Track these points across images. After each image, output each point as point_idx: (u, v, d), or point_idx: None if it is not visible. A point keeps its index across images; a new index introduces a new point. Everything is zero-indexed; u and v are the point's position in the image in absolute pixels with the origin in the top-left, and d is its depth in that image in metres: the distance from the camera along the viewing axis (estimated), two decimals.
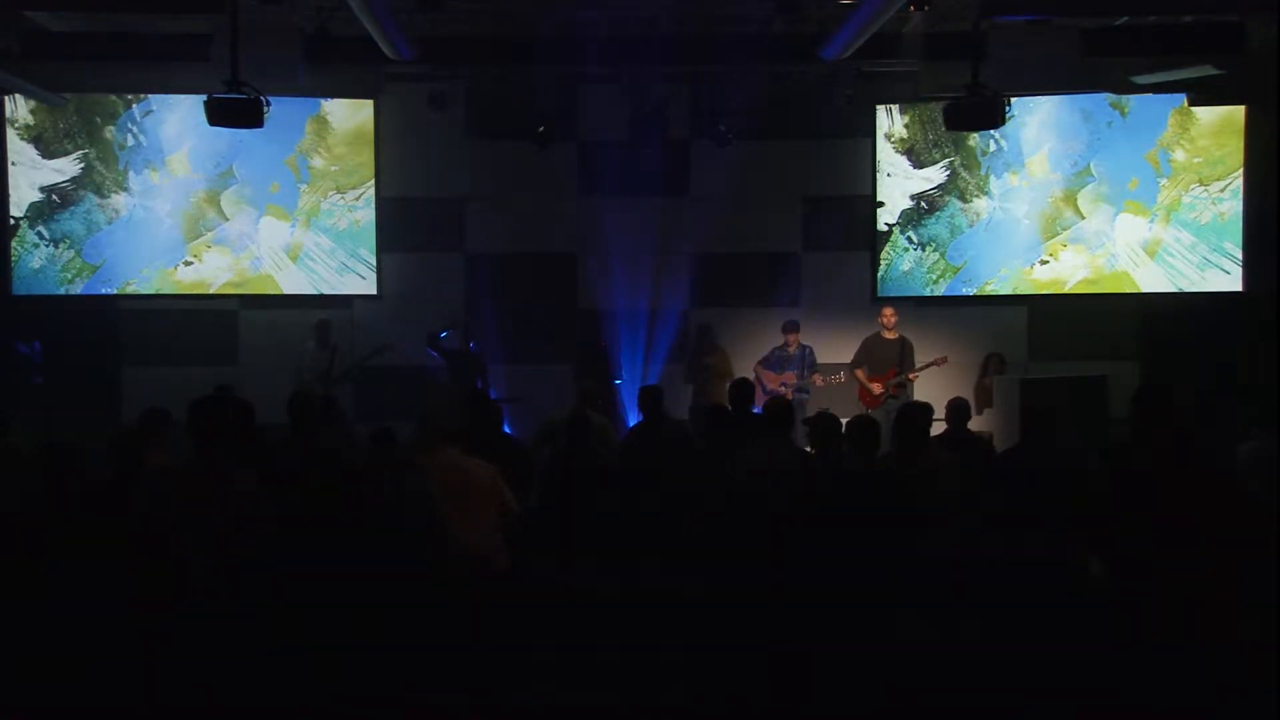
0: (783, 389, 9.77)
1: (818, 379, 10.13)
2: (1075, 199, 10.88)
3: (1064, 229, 10.90)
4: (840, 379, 10.21)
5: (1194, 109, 10.66)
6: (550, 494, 6.19)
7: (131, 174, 10.73)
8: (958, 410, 7.42)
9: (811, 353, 10.22)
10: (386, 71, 9.67)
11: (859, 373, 10.11)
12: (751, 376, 9.42)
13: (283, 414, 6.52)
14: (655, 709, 4.73)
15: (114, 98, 10.66)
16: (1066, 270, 10.92)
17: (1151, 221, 10.84)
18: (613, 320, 10.91)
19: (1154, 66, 9.63)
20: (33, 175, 10.67)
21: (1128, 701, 4.36)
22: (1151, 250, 10.86)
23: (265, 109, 7.65)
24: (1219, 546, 4.40)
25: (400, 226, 10.96)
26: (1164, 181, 10.80)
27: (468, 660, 4.86)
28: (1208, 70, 9.30)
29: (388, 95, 10.64)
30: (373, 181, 10.85)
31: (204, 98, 7.71)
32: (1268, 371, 9.14)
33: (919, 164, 10.94)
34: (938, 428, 6.95)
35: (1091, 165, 10.84)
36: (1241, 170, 10.68)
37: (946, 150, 10.89)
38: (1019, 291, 10.99)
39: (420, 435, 6.09)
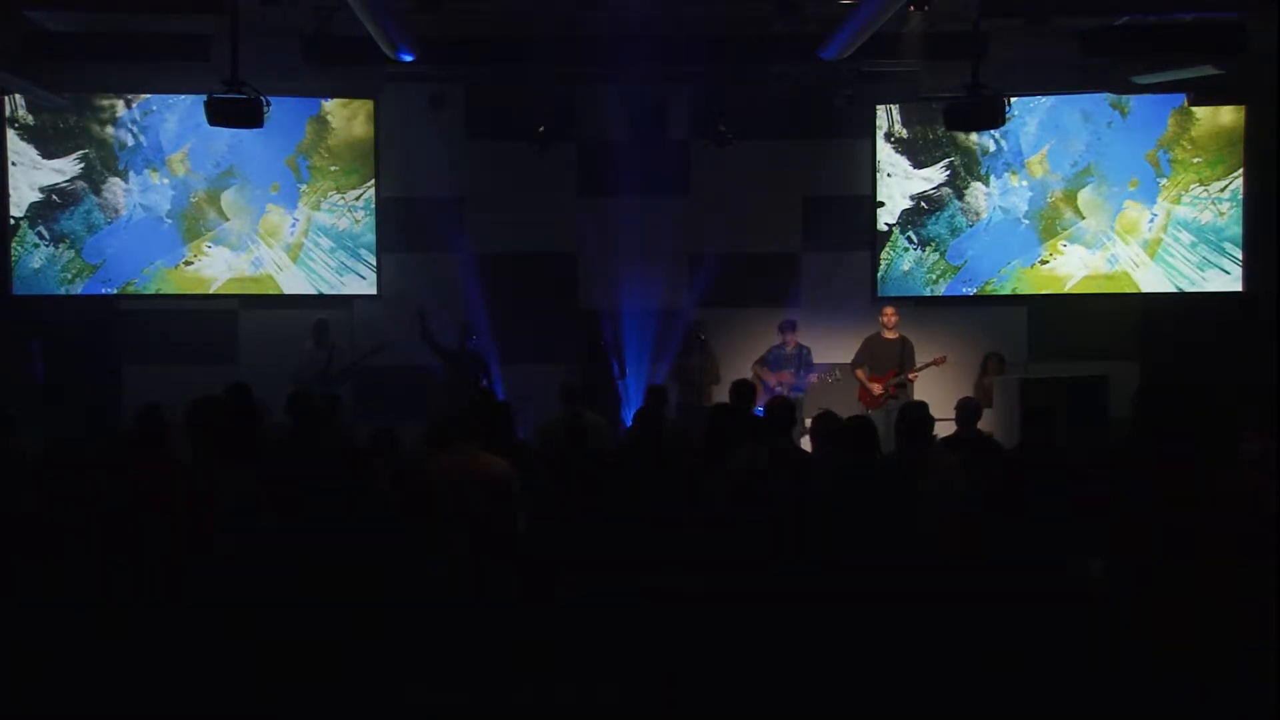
0: (779, 388, 9.76)
1: (814, 379, 10.12)
2: (1075, 199, 10.88)
3: (1064, 229, 10.90)
4: (837, 376, 10.20)
5: (1194, 109, 10.66)
6: (549, 497, 6.17)
7: (131, 174, 10.73)
8: (969, 411, 7.25)
9: (808, 353, 10.23)
10: (386, 71, 9.68)
11: (859, 373, 10.11)
12: (750, 376, 9.44)
13: (283, 414, 6.52)
14: (655, 709, 4.73)
15: (114, 98, 10.66)
16: (1066, 270, 10.92)
17: (1151, 222, 10.84)
18: (613, 320, 10.89)
19: (1154, 66, 9.63)
20: (33, 175, 10.67)
21: (1128, 702, 4.36)
22: (1151, 250, 10.86)
23: (265, 109, 7.67)
24: (1220, 546, 4.40)
25: (400, 226, 10.95)
26: (1164, 182, 10.81)
27: (468, 660, 4.86)
28: (1208, 70, 9.31)
29: (388, 95, 10.64)
30: (373, 181, 10.86)
31: (204, 98, 7.73)
32: (1268, 371, 9.13)
33: (919, 164, 10.94)
34: (945, 428, 6.91)
35: (1091, 165, 10.84)
36: (1241, 170, 10.68)
37: (946, 150, 10.90)
38: (1019, 291, 10.99)
39: (431, 432, 6.02)
